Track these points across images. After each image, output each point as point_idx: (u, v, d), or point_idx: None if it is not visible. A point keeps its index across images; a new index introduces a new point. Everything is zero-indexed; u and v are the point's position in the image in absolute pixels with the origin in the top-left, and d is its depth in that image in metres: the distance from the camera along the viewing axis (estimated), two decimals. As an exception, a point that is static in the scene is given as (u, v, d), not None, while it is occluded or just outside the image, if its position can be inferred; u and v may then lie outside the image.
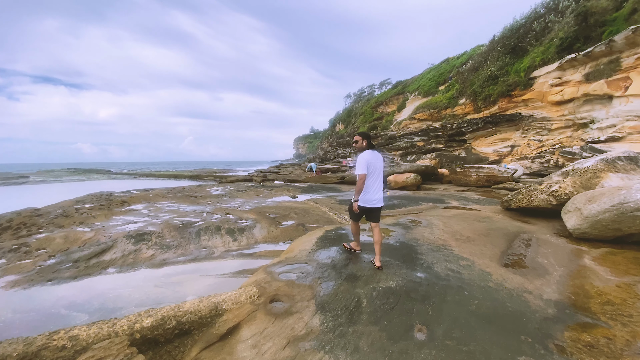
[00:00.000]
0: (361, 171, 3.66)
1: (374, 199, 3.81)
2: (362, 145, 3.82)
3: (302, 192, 12.56)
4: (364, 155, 3.73)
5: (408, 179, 14.26)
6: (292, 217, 7.38)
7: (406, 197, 9.64)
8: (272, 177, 25.60)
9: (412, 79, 46.26)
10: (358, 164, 3.71)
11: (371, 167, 3.71)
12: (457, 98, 24.30)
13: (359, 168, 3.68)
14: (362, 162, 3.69)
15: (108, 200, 9.74)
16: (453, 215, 6.56)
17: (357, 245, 4.29)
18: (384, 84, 67.54)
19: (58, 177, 31.88)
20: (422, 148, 21.73)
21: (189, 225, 6.51)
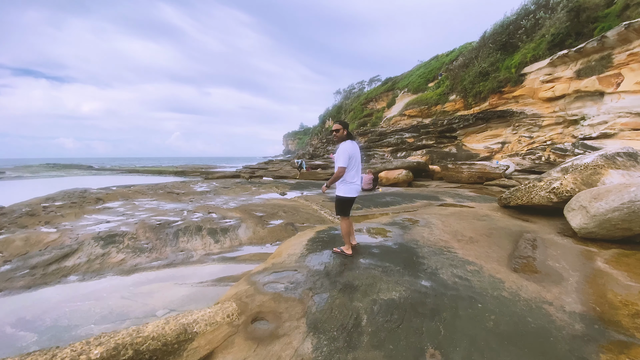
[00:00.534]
0: (342, 164, 3.57)
1: (359, 187, 3.81)
2: (343, 135, 3.72)
3: (291, 189, 12.07)
4: (346, 145, 3.63)
5: (399, 176, 13.95)
6: (281, 215, 6.90)
7: (399, 194, 9.29)
8: (261, 174, 24.98)
9: (401, 75, 46.08)
10: (340, 153, 3.60)
11: (353, 159, 3.65)
12: (448, 94, 24.13)
13: (341, 159, 3.58)
14: (344, 152, 3.58)
15: (81, 197, 9.04)
16: (451, 214, 6.21)
17: (349, 248, 3.86)
18: (374, 80, 67.29)
19: (35, 172, 30.39)
20: (413, 144, 21.49)
21: (166, 225, 5.96)
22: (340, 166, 3.58)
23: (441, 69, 33.60)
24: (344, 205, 3.80)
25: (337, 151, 3.67)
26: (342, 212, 3.82)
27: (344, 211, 3.81)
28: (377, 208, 7.29)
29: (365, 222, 5.61)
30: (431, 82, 33.24)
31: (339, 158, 3.60)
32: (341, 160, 3.59)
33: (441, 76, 30.34)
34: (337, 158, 3.61)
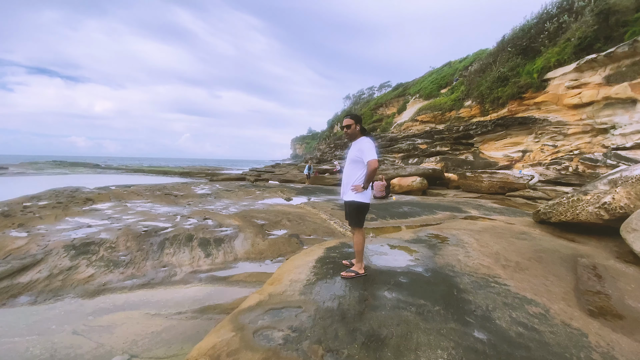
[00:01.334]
0: (375, 156, 3.02)
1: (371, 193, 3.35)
2: (355, 131, 3.17)
3: (297, 194, 11.26)
4: (370, 140, 3.13)
5: (413, 183, 13.05)
6: (285, 224, 6.08)
7: (417, 204, 8.39)
8: (267, 177, 24.26)
9: (413, 81, 45.33)
10: (368, 149, 3.03)
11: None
12: (463, 100, 23.20)
13: (372, 151, 3.02)
14: (372, 147, 3.06)
15: (70, 197, 8.35)
16: (483, 229, 5.31)
17: (362, 266, 3.14)
18: (384, 86, 66.61)
19: (39, 169, 30.15)
20: (426, 151, 20.56)
21: (153, 233, 5.18)
22: (373, 159, 2.98)
23: (454, 75, 32.76)
24: (362, 214, 3.18)
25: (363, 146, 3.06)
26: (360, 222, 3.17)
27: (361, 221, 3.18)
28: (394, 219, 6.42)
29: (383, 238, 4.75)
30: (444, 88, 32.38)
31: (368, 151, 3.01)
32: (373, 152, 3.01)
33: (457, 81, 29.45)
34: (365, 151, 3.02)
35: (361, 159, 3.04)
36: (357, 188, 3.07)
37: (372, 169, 2.97)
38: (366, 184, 3.05)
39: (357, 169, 3.12)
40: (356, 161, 3.11)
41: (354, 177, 3.13)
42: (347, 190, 3.20)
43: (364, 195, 3.10)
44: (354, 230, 3.21)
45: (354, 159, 3.12)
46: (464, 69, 31.98)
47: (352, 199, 3.12)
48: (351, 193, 3.12)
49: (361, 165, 3.08)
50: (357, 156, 3.08)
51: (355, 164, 3.13)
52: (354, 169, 3.14)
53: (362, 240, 3.11)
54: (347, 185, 3.19)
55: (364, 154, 3.01)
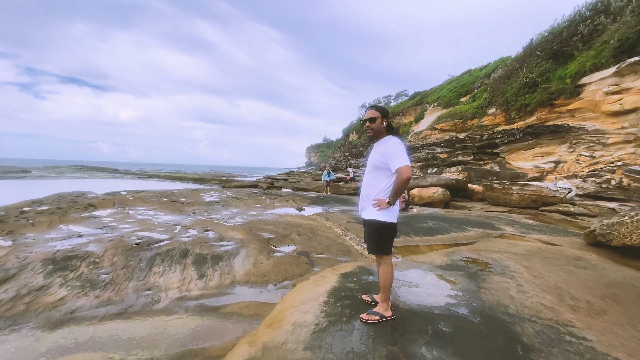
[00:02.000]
0: (407, 162, 2.28)
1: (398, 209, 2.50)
2: (381, 128, 2.45)
3: (310, 204, 10.56)
4: (398, 140, 2.41)
5: (435, 194, 12.13)
6: (294, 239, 5.38)
7: (442, 218, 7.53)
8: (280, 185, 23.77)
9: (430, 90, 44.38)
10: (397, 152, 2.30)
11: None
12: (486, 108, 22.06)
13: (402, 155, 2.29)
14: (402, 149, 2.32)
15: (72, 202, 7.96)
16: (528, 253, 4.44)
17: (388, 307, 2.40)
18: (401, 94, 65.78)
19: (60, 173, 30.81)
20: (446, 160, 19.52)
21: (145, 246, 4.59)
22: (404, 165, 2.24)
23: (475, 82, 31.66)
24: (387, 238, 2.42)
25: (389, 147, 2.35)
26: (383, 247, 2.41)
27: (385, 247, 2.42)
28: (419, 237, 5.61)
29: (409, 261, 3.97)
30: (464, 96, 31.27)
31: (397, 155, 2.28)
32: (404, 156, 2.28)
33: (478, 88, 28.37)
34: (394, 155, 2.29)
35: (387, 164, 2.33)
36: (380, 203, 2.35)
37: (404, 179, 2.23)
38: (393, 199, 2.31)
39: (380, 178, 2.42)
40: (380, 168, 2.40)
41: (377, 188, 2.42)
42: (367, 205, 2.49)
43: (389, 213, 2.37)
44: (378, 259, 2.46)
45: (376, 164, 2.42)
46: (486, 76, 30.83)
47: (373, 218, 2.40)
48: (372, 209, 2.40)
49: (386, 173, 2.38)
50: (381, 161, 2.38)
51: (378, 172, 2.43)
52: (376, 177, 2.44)
53: (389, 273, 2.37)
54: (368, 198, 2.49)
55: (391, 158, 2.29)
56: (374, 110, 2.46)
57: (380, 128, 2.44)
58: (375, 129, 2.44)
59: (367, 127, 2.46)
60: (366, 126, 2.47)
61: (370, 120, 2.43)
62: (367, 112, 2.48)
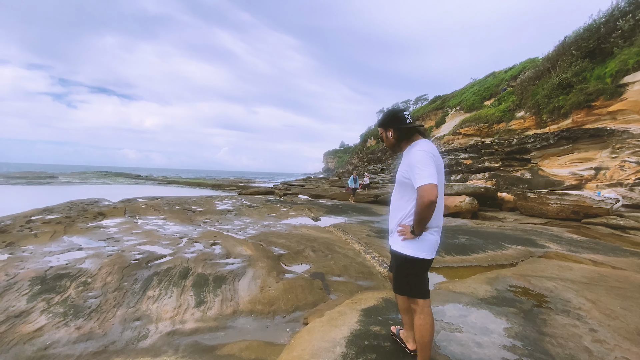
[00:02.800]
0: (430, 179, 1.67)
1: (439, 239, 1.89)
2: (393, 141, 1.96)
3: (326, 213, 9.99)
4: (424, 146, 1.81)
5: (462, 204, 11.27)
6: (307, 256, 4.82)
7: (474, 232, 6.75)
8: (296, 191, 23.34)
9: (452, 93, 43.13)
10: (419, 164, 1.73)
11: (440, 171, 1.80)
12: (514, 111, 20.86)
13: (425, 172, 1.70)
14: (425, 158, 1.74)
15: (82, 210, 7.76)
16: (589, 281, 3.68)
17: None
18: (420, 99, 64.50)
19: (85, 179, 31.76)
20: (471, 166, 18.47)
21: (144, 264, 4.17)
22: (427, 183, 1.66)
23: (500, 85, 30.38)
24: (414, 276, 1.87)
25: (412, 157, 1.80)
26: (417, 290, 1.87)
27: (419, 288, 1.87)
28: (451, 256, 4.91)
29: (445, 290, 3.31)
30: (488, 99, 30.02)
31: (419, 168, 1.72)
32: (427, 172, 1.69)
33: (504, 91, 27.10)
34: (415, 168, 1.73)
35: (410, 180, 1.80)
36: (405, 231, 1.84)
37: (425, 203, 1.65)
38: (417, 228, 1.76)
39: (406, 198, 1.90)
40: (404, 184, 1.89)
41: (403, 211, 1.91)
42: (393, 229, 1.97)
43: (419, 244, 1.81)
44: (411, 304, 1.90)
45: (400, 179, 1.93)
46: (512, 78, 29.47)
47: (397, 250, 1.88)
48: (397, 238, 1.89)
49: (412, 192, 1.83)
50: (404, 176, 1.87)
51: (404, 189, 1.92)
52: (402, 196, 1.93)
53: (427, 325, 1.79)
54: (393, 222, 1.98)
55: (413, 172, 1.75)
56: (379, 126, 2.01)
57: (392, 142, 1.96)
58: (389, 145, 2.00)
59: (387, 136, 1.98)
60: (385, 135, 1.99)
61: (382, 140, 2.01)
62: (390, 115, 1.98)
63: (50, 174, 33.68)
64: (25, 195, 16.27)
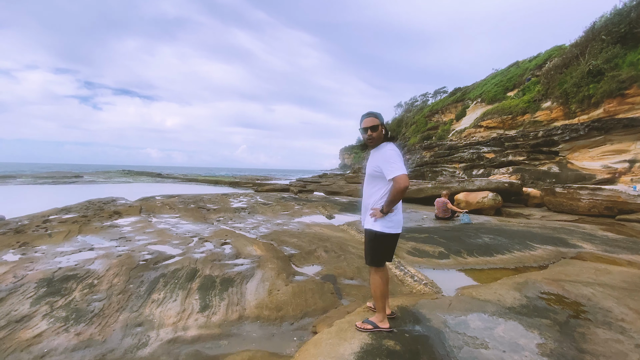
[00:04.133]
0: (403, 170, 2.16)
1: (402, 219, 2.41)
2: (382, 136, 2.37)
3: (341, 210, 9.75)
4: (393, 147, 2.29)
5: (484, 200, 10.75)
6: (319, 256, 4.61)
7: (499, 230, 6.33)
8: (312, 188, 23.18)
9: (472, 85, 41.68)
10: (393, 159, 2.19)
11: None
12: (539, 102, 19.82)
13: (398, 165, 2.16)
14: (399, 157, 2.22)
15: (99, 209, 7.87)
16: (631, 286, 3.28)
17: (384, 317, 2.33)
18: (439, 92, 62.72)
19: (108, 178, 32.84)
20: (494, 160, 17.67)
21: (152, 264, 4.09)
22: (401, 174, 2.15)
23: (524, 75, 29.04)
24: (380, 249, 2.36)
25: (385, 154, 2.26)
26: (375, 259, 2.38)
27: (379, 258, 2.38)
28: (473, 257, 4.57)
29: (468, 296, 3.01)
30: (511, 90, 28.77)
31: (393, 163, 2.19)
32: (400, 164, 2.18)
33: (529, 81, 25.86)
34: (390, 163, 2.19)
35: (382, 173, 2.26)
36: (375, 213, 2.30)
37: (401, 188, 2.14)
38: (387, 207, 2.24)
39: (377, 187, 2.37)
40: (376, 176, 2.35)
41: (374, 198, 2.37)
42: (366, 215, 2.44)
43: (385, 222, 2.29)
44: (372, 270, 2.39)
45: (372, 173, 2.37)
46: (537, 67, 28.09)
47: (368, 227, 2.37)
48: (369, 219, 2.37)
49: (382, 182, 2.31)
50: (375, 170, 2.32)
51: (375, 181, 2.38)
52: (374, 186, 2.39)
53: (377, 284, 2.33)
54: (366, 208, 2.45)
55: (388, 166, 2.19)
56: (374, 117, 2.33)
57: (381, 136, 2.35)
58: (377, 137, 2.34)
59: (369, 136, 2.33)
60: (368, 135, 2.34)
61: (372, 129, 2.31)
62: (365, 119, 2.35)
63: (76, 174, 35.05)
64: (50, 194, 16.88)
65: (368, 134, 2.32)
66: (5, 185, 23.86)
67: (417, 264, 4.25)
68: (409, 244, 5.16)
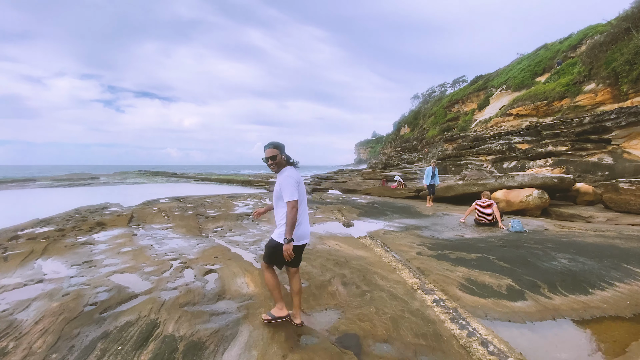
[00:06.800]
0: (294, 195, 2.45)
1: (307, 232, 2.67)
2: (283, 162, 2.62)
3: (360, 215, 8.38)
4: (290, 172, 2.57)
5: (529, 198, 9.14)
6: (336, 294, 3.30)
7: (570, 245, 4.82)
8: (327, 186, 21.87)
9: (496, 72, 39.11)
10: (286, 185, 2.49)
11: (302, 189, 2.60)
12: (580, 84, 17.66)
13: (290, 191, 2.45)
14: (291, 182, 2.49)
15: (81, 220, 6.86)
16: None
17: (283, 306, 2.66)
18: (458, 81, 59.85)
19: (123, 179, 32.67)
20: (529, 151, 15.74)
21: (98, 313, 2.91)
22: (293, 199, 2.42)
23: (555, 57, 26.60)
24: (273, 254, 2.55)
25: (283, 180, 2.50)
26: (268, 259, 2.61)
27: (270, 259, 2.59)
28: (560, 295, 3.10)
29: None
30: (540, 75, 26.41)
31: (285, 188, 2.46)
32: (292, 189, 2.44)
33: (560, 64, 23.54)
34: (284, 188, 2.47)
35: (282, 194, 2.51)
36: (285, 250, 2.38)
37: (291, 215, 2.39)
38: (289, 234, 2.39)
39: (281, 205, 2.55)
40: (279, 197, 2.57)
41: (280, 214, 2.58)
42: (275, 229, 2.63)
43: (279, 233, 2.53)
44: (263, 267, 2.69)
45: (277, 194, 2.61)
46: (570, 48, 25.64)
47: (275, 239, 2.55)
48: (277, 233, 2.57)
49: (283, 202, 2.49)
50: (278, 191, 2.58)
51: (279, 201, 2.59)
52: (279, 205, 2.60)
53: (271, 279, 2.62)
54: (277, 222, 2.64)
55: (283, 191, 2.47)
56: (273, 148, 2.56)
57: (282, 162, 2.59)
58: (277, 164, 2.57)
59: (270, 164, 2.57)
60: (269, 164, 2.58)
61: (272, 159, 2.55)
62: (267, 150, 2.57)
63: (93, 175, 35.15)
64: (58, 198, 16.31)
65: (269, 163, 2.57)
66: (22, 189, 23.82)
67: (483, 312, 2.86)
68: (459, 270, 3.76)
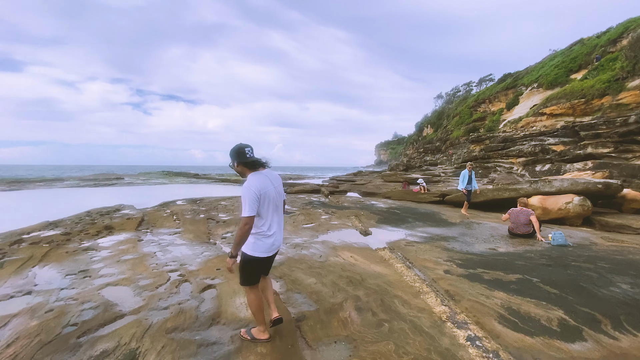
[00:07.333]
0: (246, 213, 2.20)
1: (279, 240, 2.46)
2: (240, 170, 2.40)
3: (379, 222, 7.80)
4: (251, 182, 2.29)
5: (569, 206, 8.22)
6: (347, 321, 2.79)
7: (628, 264, 4.07)
8: (345, 188, 21.29)
9: (525, 69, 37.14)
10: (244, 197, 2.24)
11: (264, 198, 2.30)
12: (624, 80, 16.18)
13: (245, 206, 2.21)
14: (249, 194, 2.22)
15: (90, 223, 6.72)
16: None
17: (265, 329, 2.46)
18: (485, 80, 57.63)
19: (147, 179, 33.47)
20: (565, 154, 14.54)
21: (75, 337, 2.56)
22: (245, 216, 2.19)
23: (593, 53, 24.81)
24: (249, 271, 2.39)
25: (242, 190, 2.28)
26: (245, 280, 2.40)
27: (249, 279, 2.40)
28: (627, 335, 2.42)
29: None
30: (576, 72, 24.68)
31: (243, 200, 2.23)
32: (246, 205, 2.20)
33: (599, 60, 21.92)
34: (242, 201, 2.25)
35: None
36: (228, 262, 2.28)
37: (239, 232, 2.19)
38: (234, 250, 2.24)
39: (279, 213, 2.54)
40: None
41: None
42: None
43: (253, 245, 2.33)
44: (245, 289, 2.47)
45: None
46: (609, 43, 23.81)
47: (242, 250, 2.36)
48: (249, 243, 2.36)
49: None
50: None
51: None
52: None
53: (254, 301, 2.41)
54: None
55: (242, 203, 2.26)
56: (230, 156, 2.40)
57: (241, 170, 2.40)
58: (239, 172, 2.42)
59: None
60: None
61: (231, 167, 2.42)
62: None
63: (118, 175, 36.28)
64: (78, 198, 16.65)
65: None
66: (50, 188, 24.79)
67: (531, 356, 2.26)
68: (496, 296, 3.15)
